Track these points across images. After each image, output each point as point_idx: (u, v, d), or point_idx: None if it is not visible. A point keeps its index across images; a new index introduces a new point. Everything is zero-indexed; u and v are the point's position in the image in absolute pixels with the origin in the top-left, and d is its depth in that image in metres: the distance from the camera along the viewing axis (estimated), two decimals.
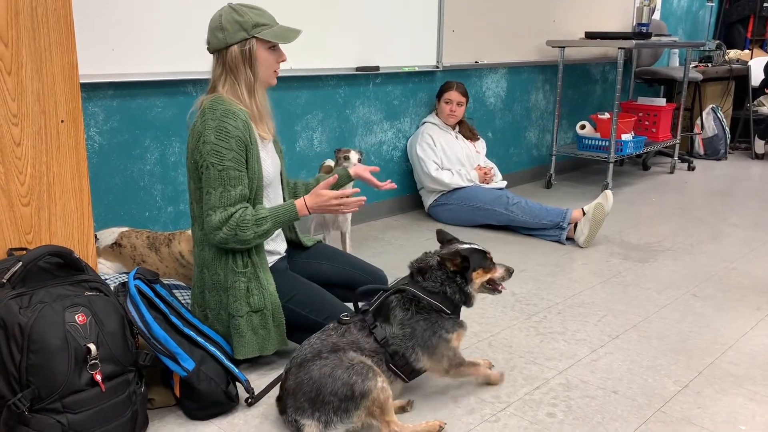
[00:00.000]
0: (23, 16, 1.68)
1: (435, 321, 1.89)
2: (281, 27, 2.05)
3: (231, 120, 1.95)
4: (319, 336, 1.86)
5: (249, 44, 1.99)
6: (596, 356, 2.27)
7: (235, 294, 2.03)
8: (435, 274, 1.92)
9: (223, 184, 1.95)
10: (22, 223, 1.76)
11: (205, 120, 1.96)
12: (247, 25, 1.98)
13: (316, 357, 1.77)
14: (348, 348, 1.80)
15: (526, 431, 1.84)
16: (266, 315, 2.06)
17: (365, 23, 3.60)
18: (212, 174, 1.95)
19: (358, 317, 1.91)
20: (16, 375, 1.52)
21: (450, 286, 1.91)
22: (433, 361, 1.90)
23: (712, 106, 5.93)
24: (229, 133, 1.94)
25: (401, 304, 1.89)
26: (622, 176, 5.21)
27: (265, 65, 2.05)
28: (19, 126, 1.71)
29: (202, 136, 1.95)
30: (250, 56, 2.00)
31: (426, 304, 1.89)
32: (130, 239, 2.48)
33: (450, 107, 3.88)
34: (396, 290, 1.92)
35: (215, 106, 1.97)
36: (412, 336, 1.87)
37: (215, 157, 1.94)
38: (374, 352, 1.84)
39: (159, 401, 1.92)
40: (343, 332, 1.86)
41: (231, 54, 2.00)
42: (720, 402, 1.99)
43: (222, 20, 1.98)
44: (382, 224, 3.84)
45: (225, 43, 1.99)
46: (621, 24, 5.54)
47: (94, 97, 2.67)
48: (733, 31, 7.12)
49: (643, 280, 2.99)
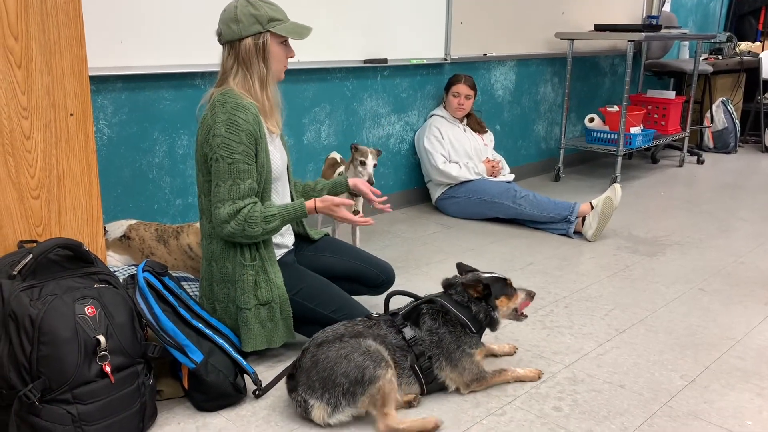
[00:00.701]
0: (33, 10, 1.69)
1: (459, 335, 1.94)
2: (294, 23, 2.06)
3: (241, 113, 1.96)
4: (344, 323, 1.91)
5: (263, 38, 2.00)
6: (603, 350, 2.27)
7: (243, 287, 2.04)
8: (465, 292, 2.00)
9: (233, 177, 1.96)
10: (32, 216, 1.77)
11: (216, 113, 1.97)
12: (262, 18, 1.99)
13: (337, 339, 1.82)
14: (370, 337, 1.85)
15: (533, 425, 1.84)
16: (274, 308, 2.08)
17: (373, 16, 3.59)
18: (222, 167, 1.96)
19: (387, 316, 1.96)
20: (26, 366, 1.54)
21: (476, 305, 1.98)
22: (455, 373, 1.94)
23: (722, 98, 5.88)
24: (239, 127, 1.95)
25: (431, 313, 1.96)
26: (630, 169, 5.19)
27: (277, 60, 2.06)
28: (29, 119, 1.72)
29: (212, 129, 1.96)
30: (264, 50, 2.01)
31: (453, 317, 1.95)
32: (139, 232, 2.49)
33: (458, 100, 3.87)
34: (427, 300, 1.99)
35: (225, 100, 1.98)
36: (439, 344, 1.92)
37: (225, 150, 1.95)
38: (400, 349, 1.89)
39: (168, 393, 1.93)
40: (370, 325, 1.91)
41: (245, 46, 2.00)
42: (727, 397, 1.99)
43: (237, 12, 1.98)
44: (390, 217, 3.84)
45: (239, 35, 1.99)
46: (630, 16, 5.50)
47: (103, 90, 2.68)
48: (744, 22, 7.05)
49: (651, 274, 2.98)
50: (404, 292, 2.07)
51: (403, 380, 1.88)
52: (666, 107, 5.12)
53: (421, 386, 1.92)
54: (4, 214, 1.72)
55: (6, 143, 1.70)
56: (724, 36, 6.38)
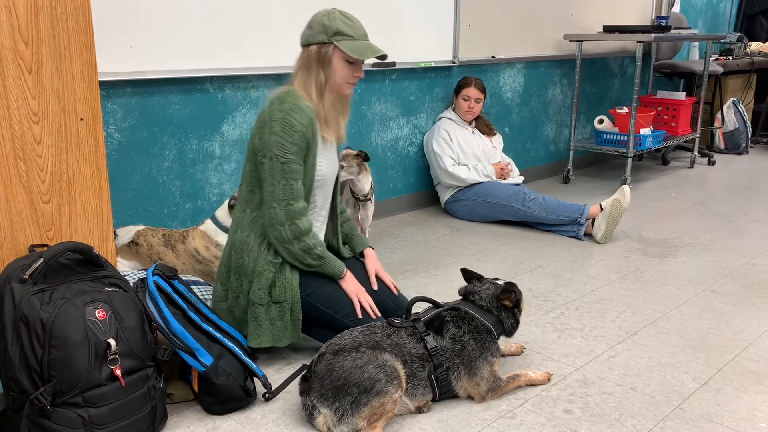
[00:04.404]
0: (43, 15, 1.70)
1: (484, 342, 1.94)
2: (363, 43, 2.09)
3: (297, 115, 2.01)
4: (362, 330, 1.90)
5: (327, 48, 2.06)
6: (614, 353, 2.25)
7: (261, 282, 2.06)
8: (490, 297, 2.02)
9: (286, 177, 2.01)
10: (43, 220, 1.78)
11: (273, 111, 2.03)
12: (330, 30, 2.05)
13: (354, 349, 1.80)
14: (388, 349, 1.83)
15: (543, 428, 1.83)
16: (285, 308, 2.08)
17: (381, 19, 3.59)
18: (275, 166, 2.01)
19: (409, 323, 1.94)
20: (38, 369, 1.55)
21: (505, 313, 2.01)
22: (472, 382, 1.93)
23: (733, 99, 5.84)
24: (293, 128, 2.00)
25: (455, 321, 1.96)
26: (641, 171, 5.16)
27: (339, 74, 2.09)
28: (39, 124, 1.74)
29: (267, 126, 2.02)
30: (325, 60, 2.07)
31: (478, 324, 1.95)
32: (147, 237, 2.50)
33: (468, 104, 3.87)
34: (450, 307, 2.00)
35: (285, 98, 2.04)
36: (460, 353, 1.91)
37: (280, 150, 2.00)
38: (419, 358, 1.87)
39: (178, 396, 1.94)
40: (389, 333, 1.89)
41: (310, 52, 2.08)
42: (740, 399, 1.97)
43: (313, 19, 2.09)
44: (399, 220, 3.84)
45: (307, 40, 2.09)
46: (640, 17, 5.48)
47: (112, 95, 2.70)
48: (754, 22, 7.01)
49: (662, 276, 2.96)
50: (427, 299, 2.06)
51: (418, 390, 1.87)
52: (676, 108, 5.09)
53: (434, 393, 1.91)
54: (15, 219, 1.73)
55: (17, 148, 1.71)
56: (735, 36, 6.33)
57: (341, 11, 2.09)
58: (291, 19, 3.15)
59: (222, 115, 3.07)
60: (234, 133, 3.13)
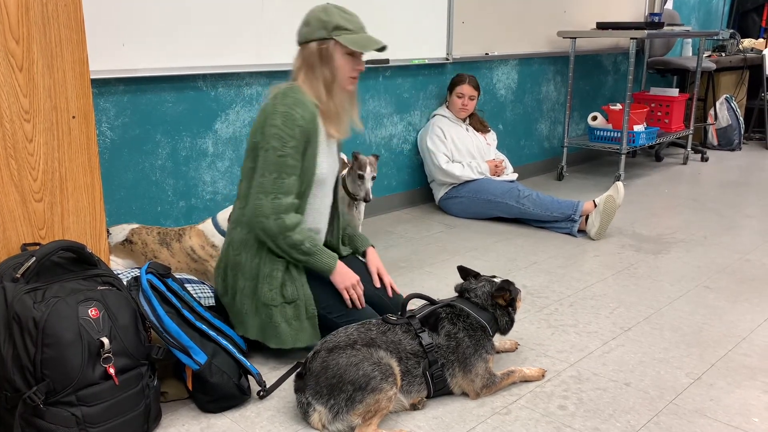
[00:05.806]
0: (34, 13, 1.69)
1: (479, 339, 1.95)
2: (363, 36, 2.07)
3: (300, 109, 2.00)
4: (357, 327, 1.89)
5: (327, 44, 2.04)
6: (608, 348, 2.26)
7: (271, 283, 2.05)
8: (485, 295, 2.02)
9: (279, 170, 1.99)
10: (35, 219, 1.77)
11: (276, 104, 2.01)
12: (329, 25, 2.02)
13: (349, 346, 1.80)
14: (383, 346, 1.83)
15: (538, 423, 1.83)
16: (299, 306, 2.07)
17: (374, 16, 3.58)
18: (271, 157, 1.99)
19: (404, 320, 1.94)
20: (31, 368, 1.54)
21: (500, 310, 2.02)
22: (467, 379, 1.93)
23: (725, 96, 5.86)
24: (295, 121, 1.99)
25: (450, 318, 1.96)
26: (634, 167, 5.18)
27: (341, 69, 2.07)
28: (31, 122, 1.73)
29: (269, 119, 2.00)
30: (326, 56, 2.04)
31: (473, 321, 1.95)
32: (141, 236, 2.49)
33: (462, 101, 3.86)
34: (446, 304, 1.99)
35: (288, 93, 2.03)
36: (455, 350, 1.92)
37: (278, 142, 1.98)
38: (414, 355, 1.87)
39: (172, 394, 1.93)
40: (384, 330, 1.89)
41: (310, 50, 2.06)
42: (733, 394, 1.98)
43: (310, 16, 2.05)
44: (393, 217, 3.84)
45: (306, 38, 2.05)
46: (633, 14, 5.49)
47: (105, 93, 2.69)
48: (747, 19, 7.03)
49: (655, 272, 2.97)
50: (422, 296, 2.06)
51: (413, 387, 1.87)
52: (669, 105, 5.11)
53: (428, 390, 1.91)
54: (7, 217, 1.72)
55: (8, 146, 1.70)
56: (727, 33, 6.35)
57: (336, 5, 2.07)
58: (284, 16, 3.15)
59: (215, 112, 3.06)
60: (227, 130, 3.12)
